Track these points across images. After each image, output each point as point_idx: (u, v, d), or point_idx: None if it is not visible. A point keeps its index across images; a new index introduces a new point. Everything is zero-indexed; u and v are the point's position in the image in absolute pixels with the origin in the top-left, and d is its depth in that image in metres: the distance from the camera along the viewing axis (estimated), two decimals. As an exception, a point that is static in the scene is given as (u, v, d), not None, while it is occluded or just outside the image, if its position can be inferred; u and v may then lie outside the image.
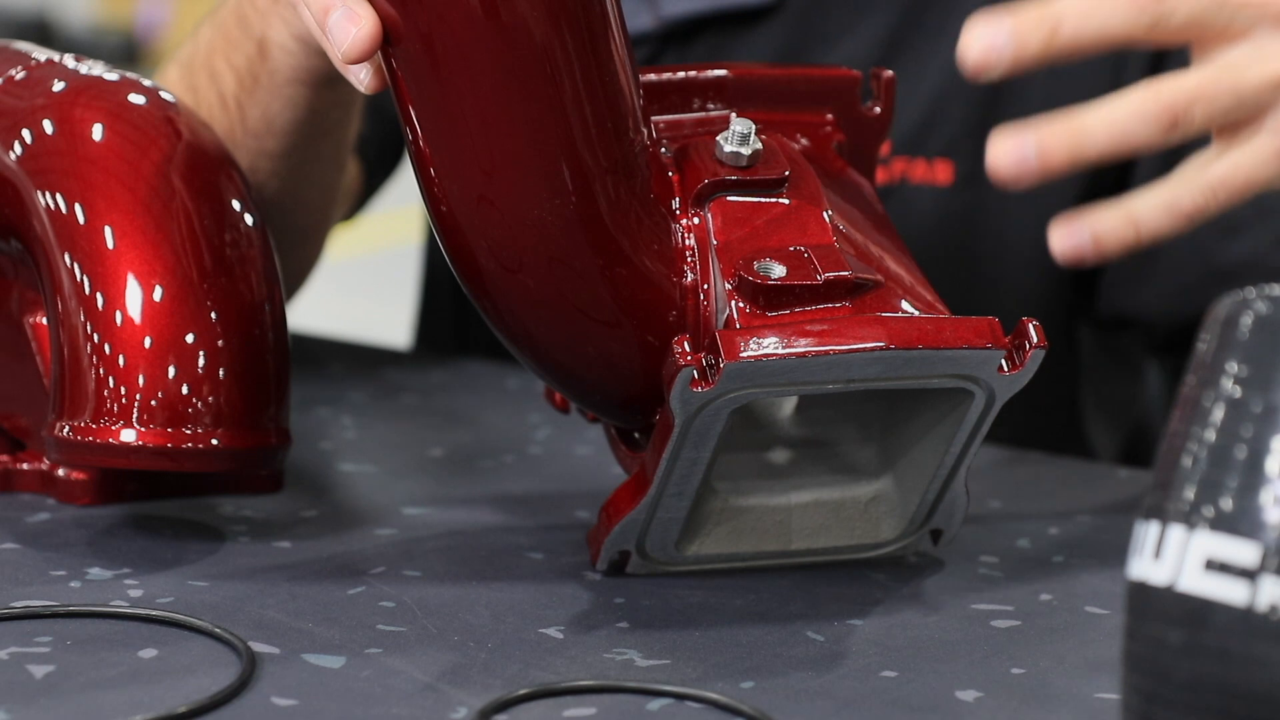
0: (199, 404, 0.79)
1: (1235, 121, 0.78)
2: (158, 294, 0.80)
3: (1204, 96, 0.77)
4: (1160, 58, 1.10)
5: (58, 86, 0.84)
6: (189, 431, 0.79)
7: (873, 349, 0.72)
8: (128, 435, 0.79)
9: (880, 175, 1.12)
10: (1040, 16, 0.76)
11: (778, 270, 0.75)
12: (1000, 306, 1.12)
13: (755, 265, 0.75)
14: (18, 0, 6.79)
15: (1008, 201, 1.13)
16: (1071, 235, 0.79)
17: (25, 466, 0.87)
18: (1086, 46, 0.77)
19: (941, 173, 1.13)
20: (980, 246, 1.14)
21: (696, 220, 0.77)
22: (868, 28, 1.14)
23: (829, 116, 0.83)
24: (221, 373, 0.80)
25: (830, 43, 1.15)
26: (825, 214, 0.77)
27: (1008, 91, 1.12)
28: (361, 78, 0.75)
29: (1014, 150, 0.76)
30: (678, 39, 1.17)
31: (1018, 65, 0.76)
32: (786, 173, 0.77)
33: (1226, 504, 0.55)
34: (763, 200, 0.77)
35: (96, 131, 0.82)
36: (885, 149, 1.12)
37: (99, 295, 0.80)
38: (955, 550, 0.84)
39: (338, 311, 2.70)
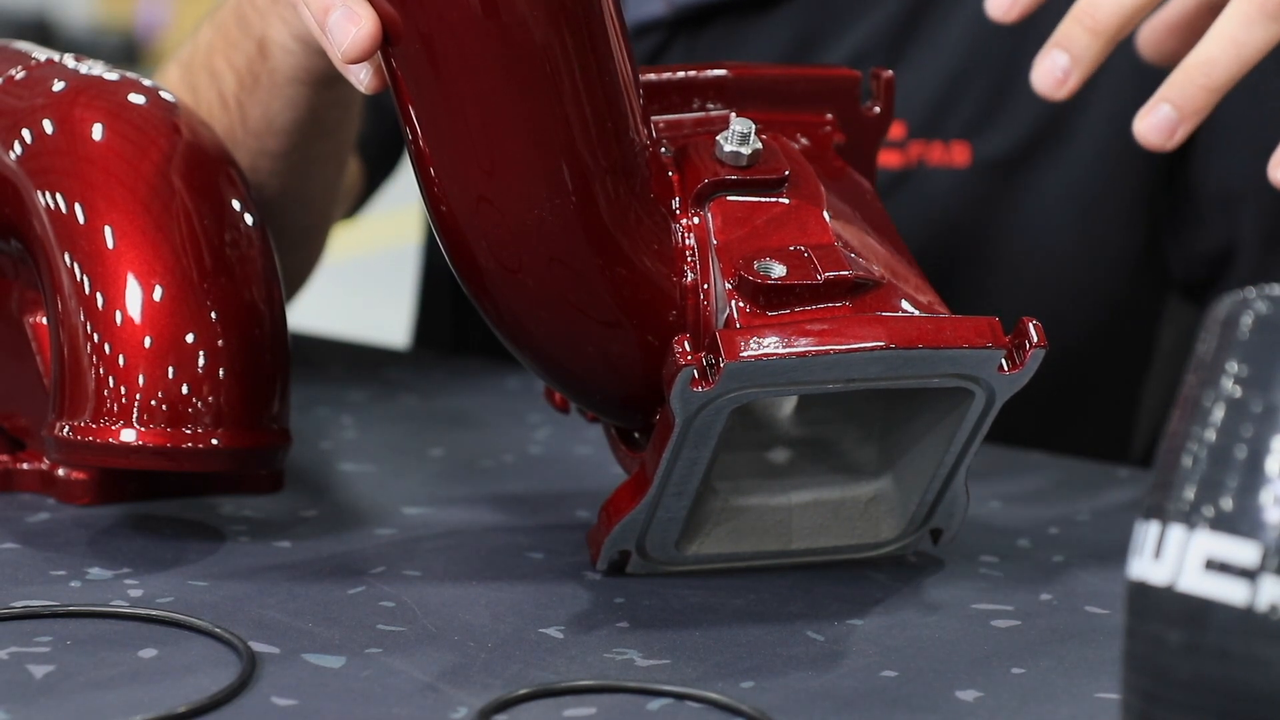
0: (199, 404, 0.79)
1: None
2: (158, 294, 0.80)
3: None
4: None
5: (58, 86, 0.84)
6: (189, 431, 0.79)
7: (873, 348, 0.72)
8: (128, 435, 0.79)
9: (897, 159, 1.11)
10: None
11: (778, 270, 0.75)
12: (1026, 290, 1.11)
13: (755, 265, 0.75)
14: (18, 0, 6.79)
15: (1029, 182, 1.12)
16: (1153, 115, 0.84)
17: (25, 466, 0.87)
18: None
19: (959, 155, 1.12)
20: (1002, 229, 1.12)
21: (696, 220, 0.77)
22: (881, 11, 1.13)
23: (829, 116, 0.83)
24: (221, 373, 0.80)
25: (844, 28, 1.13)
26: (825, 213, 0.77)
27: (1024, 72, 1.11)
28: (361, 78, 0.75)
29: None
30: (689, 26, 1.16)
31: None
32: (786, 172, 0.77)
33: (1226, 504, 0.55)
34: (763, 200, 0.77)
35: (96, 131, 0.82)
36: (901, 133, 1.11)
37: (99, 295, 0.80)
38: (955, 550, 0.84)
39: (337, 311, 2.70)
